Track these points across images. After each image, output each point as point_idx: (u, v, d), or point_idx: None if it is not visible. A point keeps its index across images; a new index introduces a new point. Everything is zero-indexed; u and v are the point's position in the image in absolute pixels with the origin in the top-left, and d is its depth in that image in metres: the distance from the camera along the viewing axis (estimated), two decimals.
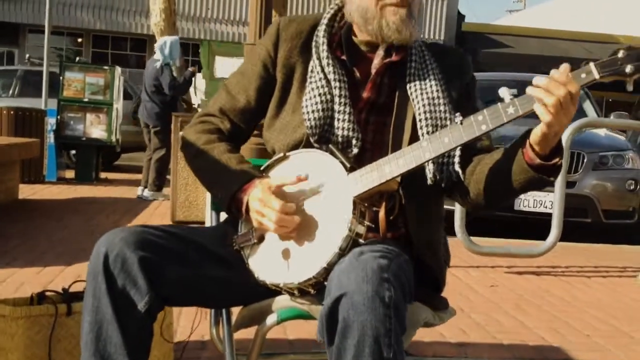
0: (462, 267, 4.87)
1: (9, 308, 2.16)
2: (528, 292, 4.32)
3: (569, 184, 6.33)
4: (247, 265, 1.72)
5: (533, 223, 6.39)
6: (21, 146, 6.86)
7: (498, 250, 4.86)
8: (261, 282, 1.70)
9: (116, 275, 1.59)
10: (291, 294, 1.70)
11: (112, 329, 1.58)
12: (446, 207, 1.96)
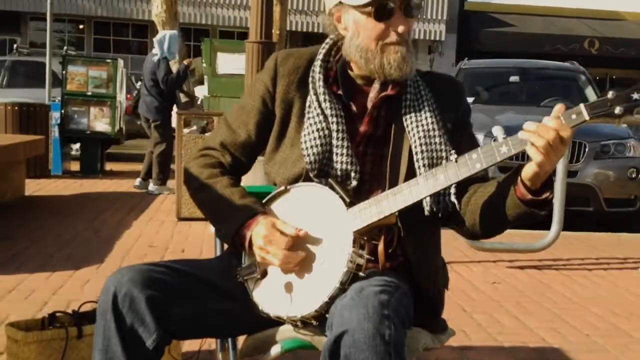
0: (464, 263, 4.93)
1: (22, 333, 2.23)
2: (529, 289, 4.38)
3: (571, 174, 6.38)
4: (252, 297, 1.78)
5: None
6: (27, 144, 6.90)
7: (499, 245, 4.91)
8: (265, 314, 1.76)
9: (125, 314, 1.65)
10: (294, 325, 1.76)
11: None
12: None
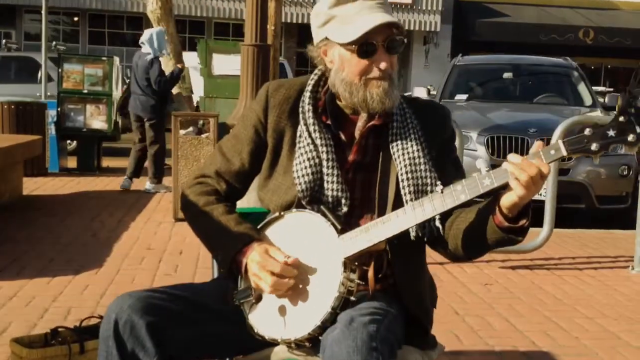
0: (458, 264, 5.00)
1: (26, 350, 2.31)
2: (521, 290, 4.47)
3: (563, 171, 6.46)
4: (247, 320, 1.86)
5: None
6: (24, 145, 6.96)
7: None
8: (260, 337, 1.84)
9: (126, 340, 1.73)
10: (289, 347, 1.85)
11: None
12: None
